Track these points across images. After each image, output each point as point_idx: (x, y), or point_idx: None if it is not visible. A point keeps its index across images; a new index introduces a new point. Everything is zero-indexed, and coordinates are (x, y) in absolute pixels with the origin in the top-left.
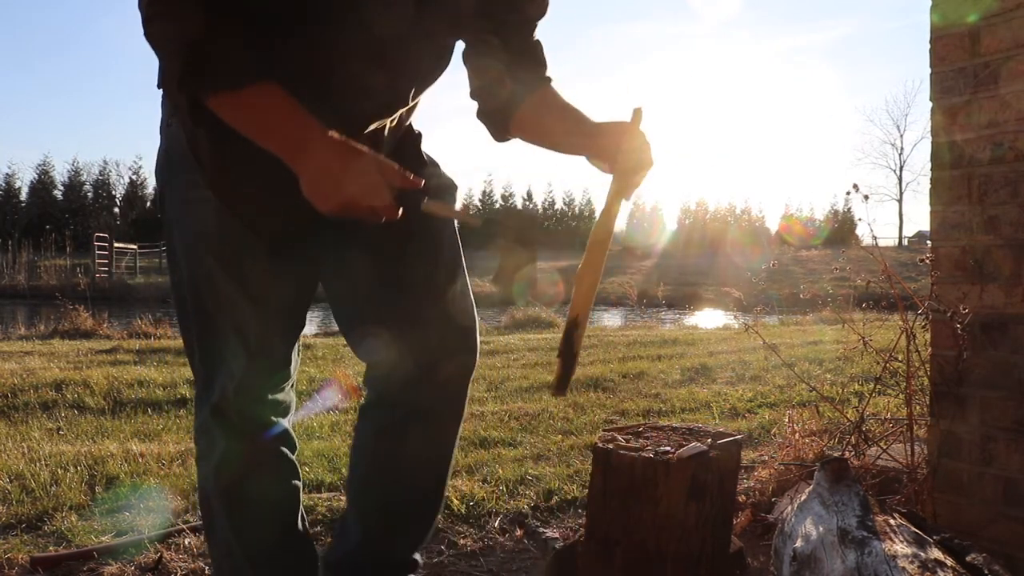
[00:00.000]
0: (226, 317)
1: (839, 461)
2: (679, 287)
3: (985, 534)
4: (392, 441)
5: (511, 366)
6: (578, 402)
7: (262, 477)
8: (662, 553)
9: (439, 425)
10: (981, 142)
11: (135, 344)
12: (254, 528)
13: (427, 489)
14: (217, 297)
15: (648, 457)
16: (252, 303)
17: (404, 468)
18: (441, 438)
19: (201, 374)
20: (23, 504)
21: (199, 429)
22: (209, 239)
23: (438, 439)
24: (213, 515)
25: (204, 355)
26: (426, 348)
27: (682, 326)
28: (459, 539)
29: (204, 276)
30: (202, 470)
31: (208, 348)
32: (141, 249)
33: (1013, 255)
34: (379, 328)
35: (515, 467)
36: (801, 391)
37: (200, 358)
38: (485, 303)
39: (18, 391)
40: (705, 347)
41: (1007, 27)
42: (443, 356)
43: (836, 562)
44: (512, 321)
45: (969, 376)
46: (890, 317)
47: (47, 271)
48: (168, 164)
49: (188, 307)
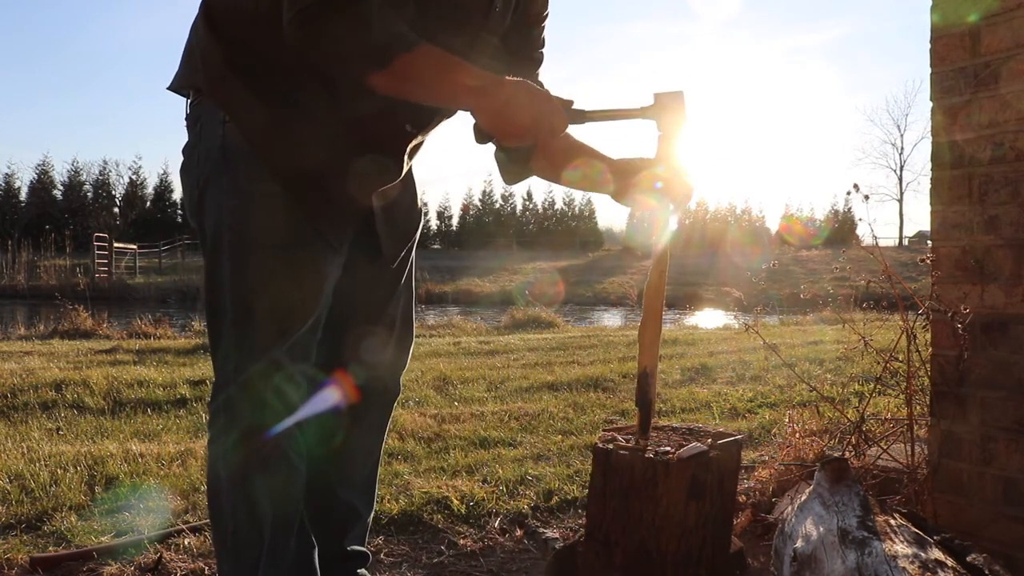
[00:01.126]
0: (272, 307)
1: (839, 461)
2: (679, 287)
3: (985, 534)
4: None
5: (511, 366)
6: (578, 402)
7: (272, 462)
8: (662, 553)
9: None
10: (981, 142)
11: (135, 344)
12: (260, 510)
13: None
14: (267, 286)
15: (648, 457)
16: (304, 293)
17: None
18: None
19: (231, 360)
20: (23, 504)
21: (216, 411)
22: (267, 230)
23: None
24: (221, 497)
25: (238, 342)
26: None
27: (682, 326)
28: (459, 539)
29: (255, 265)
30: (214, 451)
31: (243, 335)
32: (141, 249)
33: (1013, 255)
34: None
35: (515, 467)
36: (801, 391)
37: (234, 344)
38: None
39: (18, 391)
40: (705, 347)
41: (1008, 27)
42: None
43: (836, 562)
44: (512, 321)
45: (969, 376)
46: (890, 317)
47: (47, 271)
48: (222, 158)
49: (226, 293)
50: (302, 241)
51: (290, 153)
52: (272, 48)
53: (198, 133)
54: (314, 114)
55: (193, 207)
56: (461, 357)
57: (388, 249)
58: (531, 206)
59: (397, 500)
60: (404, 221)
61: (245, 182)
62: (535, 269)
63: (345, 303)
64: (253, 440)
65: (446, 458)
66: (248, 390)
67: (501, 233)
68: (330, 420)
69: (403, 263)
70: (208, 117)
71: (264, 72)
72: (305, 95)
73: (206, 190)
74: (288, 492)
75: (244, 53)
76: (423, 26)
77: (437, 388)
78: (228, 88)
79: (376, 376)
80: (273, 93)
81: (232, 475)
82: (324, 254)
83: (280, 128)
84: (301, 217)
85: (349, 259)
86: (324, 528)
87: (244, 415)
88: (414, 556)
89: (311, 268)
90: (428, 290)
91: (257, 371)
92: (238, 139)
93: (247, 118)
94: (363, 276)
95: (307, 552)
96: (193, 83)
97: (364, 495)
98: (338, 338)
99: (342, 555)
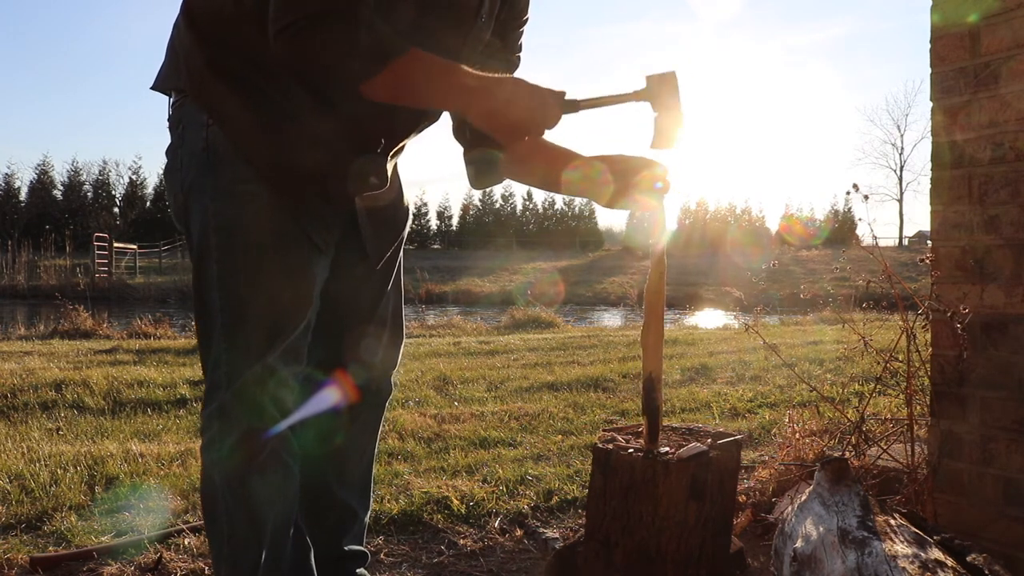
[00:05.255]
0: (262, 309)
1: (839, 461)
2: (679, 287)
3: (985, 534)
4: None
5: (511, 366)
6: (578, 402)
7: (268, 466)
8: (662, 553)
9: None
10: (981, 142)
11: (135, 344)
12: (257, 514)
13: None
14: (256, 288)
15: (648, 457)
16: (294, 294)
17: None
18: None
19: (223, 365)
20: (23, 504)
21: (209, 417)
22: (254, 231)
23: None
24: (216, 502)
25: (229, 346)
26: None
27: (682, 326)
28: (459, 539)
29: (244, 268)
30: (209, 457)
31: (234, 339)
32: (141, 249)
33: (1013, 255)
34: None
35: (515, 467)
36: (801, 391)
37: (225, 348)
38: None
39: (18, 391)
40: (705, 347)
41: (1008, 27)
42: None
43: (836, 562)
44: (512, 321)
45: (969, 376)
46: (890, 317)
47: (47, 271)
48: (206, 160)
49: (214, 296)
50: (289, 242)
51: (275, 154)
52: (255, 49)
53: (181, 135)
54: (299, 115)
55: (179, 210)
56: (461, 357)
57: (373, 250)
58: (531, 206)
59: (397, 500)
60: (390, 221)
61: (230, 184)
62: (535, 269)
63: (335, 304)
64: (248, 445)
65: (446, 458)
66: (242, 396)
67: (501, 233)
68: (329, 421)
69: (391, 263)
70: (191, 119)
71: (247, 73)
72: (289, 96)
73: (191, 193)
74: (284, 495)
75: (226, 54)
76: (423, 25)
77: (437, 388)
78: (211, 90)
79: (370, 376)
80: (257, 94)
81: (228, 480)
82: (311, 255)
83: (264, 129)
84: (287, 218)
85: (337, 260)
86: (322, 528)
87: (239, 421)
88: (414, 556)
89: (300, 269)
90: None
91: (251, 376)
92: (222, 141)
93: (231, 120)
94: (352, 277)
95: (303, 555)
96: (175, 84)
97: (360, 495)
98: (331, 339)
99: (340, 555)
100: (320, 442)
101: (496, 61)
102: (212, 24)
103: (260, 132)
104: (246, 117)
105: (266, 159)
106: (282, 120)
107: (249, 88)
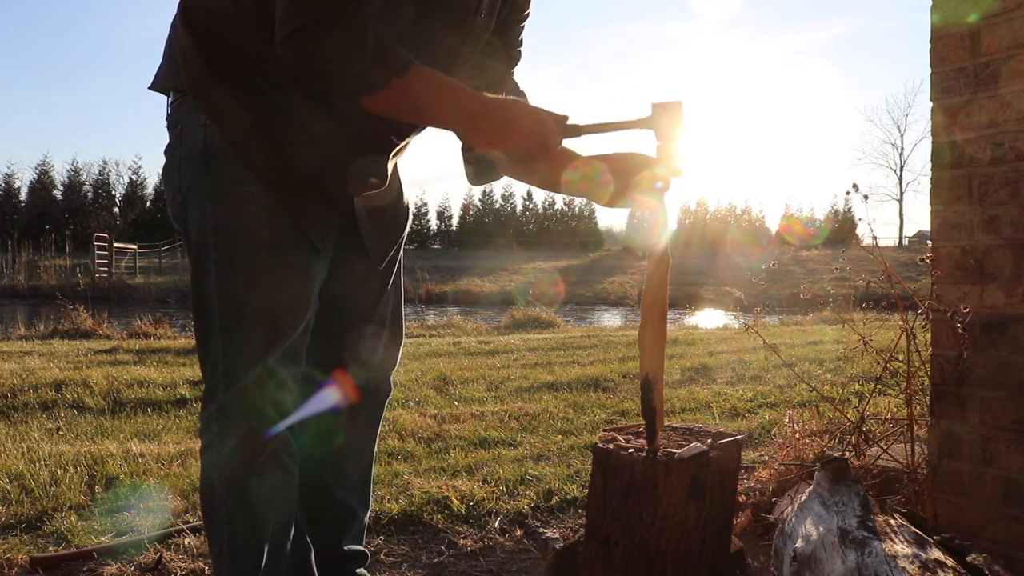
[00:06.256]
0: (260, 310)
1: (839, 461)
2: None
3: (985, 534)
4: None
5: (511, 366)
6: (578, 402)
7: (267, 467)
8: (662, 553)
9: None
10: (981, 142)
11: (135, 344)
12: (256, 515)
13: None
14: (254, 289)
15: (648, 457)
16: (292, 295)
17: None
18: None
19: (222, 367)
20: (23, 504)
21: (209, 419)
22: (252, 232)
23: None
24: (216, 504)
25: (228, 347)
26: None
27: (682, 326)
28: (459, 539)
29: (242, 268)
30: (208, 459)
31: (233, 340)
32: (141, 249)
33: (1013, 255)
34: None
35: (515, 467)
36: (801, 391)
37: (223, 350)
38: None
39: (18, 391)
40: (705, 347)
41: (1008, 27)
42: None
43: (836, 562)
44: (512, 321)
45: (969, 376)
46: (890, 317)
47: (47, 271)
48: (204, 160)
49: (213, 297)
50: (287, 243)
51: (273, 154)
52: (253, 48)
53: (179, 135)
54: (298, 115)
55: (177, 211)
56: (461, 357)
57: (374, 250)
58: (531, 206)
59: (397, 500)
60: (390, 221)
61: (228, 185)
62: (535, 269)
63: (334, 304)
64: (248, 447)
65: (446, 458)
66: (242, 398)
67: (501, 233)
68: (329, 421)
69: (391, 263)
70: (189, 119)
71: (245, 73)
72: (288, 96)
73: (189, 194)
74: (284, 496)
75: (225, 54)
76: (423, 25)
77: (437, 388)
78: (209, 90)
79: (369, 376)
80: (255, 94)
81: (227, 481)
82: (309, 256)
83: (263, 130)
84: (285, 218)
85: (337, 261)
86: (321, 529)
87: (238, 423)
88: (414, 556)
89: (298, 270)
90: (428, 290)
91: (250, 378)
92: (220, 141)
93: (229, 120)
94: (352, 277)
95: (303, 555)
96: (174, 84)
97: (360, 494)
98: (330, 340)
99: (340, 555)
100: (319, 442)
101: (495, 60)
102: (210, 24)
103: (258, 132)
104: (244, 117)
105: (264, 159)
106: (280, 120)
107: (247, 88)
